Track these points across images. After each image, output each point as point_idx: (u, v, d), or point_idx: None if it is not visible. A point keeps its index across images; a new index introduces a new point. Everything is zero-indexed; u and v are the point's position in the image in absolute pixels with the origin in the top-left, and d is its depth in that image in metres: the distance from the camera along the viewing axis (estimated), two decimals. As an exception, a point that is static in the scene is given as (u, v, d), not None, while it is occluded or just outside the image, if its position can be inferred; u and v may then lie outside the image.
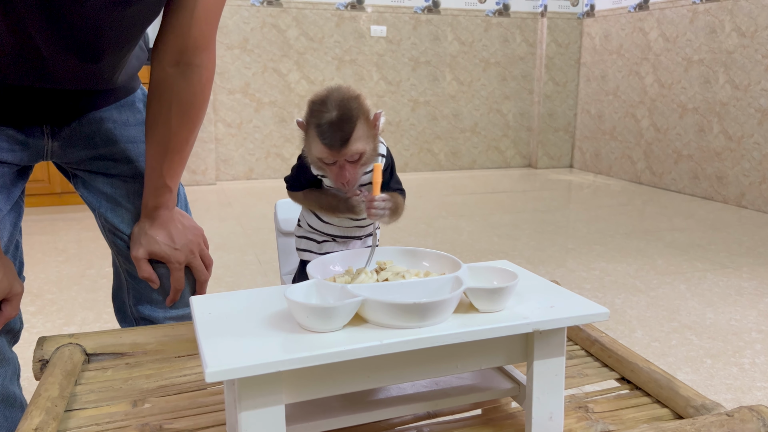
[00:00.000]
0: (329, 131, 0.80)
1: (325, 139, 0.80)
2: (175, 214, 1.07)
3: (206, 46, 0.99)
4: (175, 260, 1.04)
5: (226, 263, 2.70)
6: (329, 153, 0.81)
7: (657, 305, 2.26)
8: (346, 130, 0.80)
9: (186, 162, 1.07)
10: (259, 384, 0.59)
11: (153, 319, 1.11)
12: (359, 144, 0.81)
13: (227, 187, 4.50)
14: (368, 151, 0.83)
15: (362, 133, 0.82)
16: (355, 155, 0.81)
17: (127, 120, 1.11)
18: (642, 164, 4.76)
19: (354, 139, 0.81)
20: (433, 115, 5.15)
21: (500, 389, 0.76)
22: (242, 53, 4.54)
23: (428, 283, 0.70)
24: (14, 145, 1.00)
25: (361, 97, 0.84)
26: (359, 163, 0.83)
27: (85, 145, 1.07)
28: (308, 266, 0.76)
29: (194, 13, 0.95)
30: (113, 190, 1.08)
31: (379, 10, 4.82)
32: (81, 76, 0.98)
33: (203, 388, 0.83)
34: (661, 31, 4.51)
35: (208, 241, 1.14)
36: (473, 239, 3.14)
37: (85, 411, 0.77)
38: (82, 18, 0.87)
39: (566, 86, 5.39)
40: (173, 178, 1.04)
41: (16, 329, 0.99)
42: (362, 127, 0.82)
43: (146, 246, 1.03)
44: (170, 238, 1.04)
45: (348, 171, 0.82)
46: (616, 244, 3.06)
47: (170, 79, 0.98)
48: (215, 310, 0.70)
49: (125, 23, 0.94)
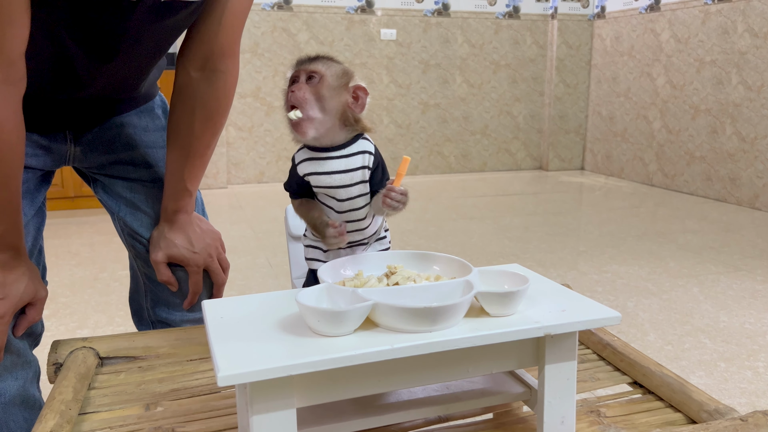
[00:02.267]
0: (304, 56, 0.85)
1: (297, 60, 0.86)
2: (193, 219, 1.08)
3: (231, 53, 1.00)
4: (193, 264, 1.05)
5: (237, 266, 2.71)
6: (295, 68, 0.84)
7: (670, 308, 2.24)
8: (319, 56, 0.85)
9: (206, 167, 1.08)
10: (271, 388, 0.59)
11: (170, 322, 1.12)
12: (322, 66, 0.84)
13: (238, 190, 4.52)
14: (329, 81, 0.85)
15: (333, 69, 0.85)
16: (315, 72, 0.83)
17: (147, 125, 1.12)
18: (654, 166, 4.73)
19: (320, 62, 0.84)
20: (443, 117, 5.15)
21: (512, 393, 0.76)
22: (253, 57, 4.56)
23: (439, 287, 0.70)
24: (38, 150, 1.02)
25: (351, 71, 0.89)
26: (318, 88, 0.84)
27: (105, 149, 1.09)
28: (319, 270, 0.76)
29: (221, 21, 0.96)
30: (133, 194, 1.10)
31: (389, 13, 4.83)
32: (111, 85, 1.00)
33: (215, 391, 0.83)
34: (672, 33, 4.48)
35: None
36: (484, 242, 3.13)
37: (99, 414, 0.77)
38: (121, 31, 0.89)
39: (577, 88, 5.37)
40: (193, 183, 1.05)
41: (38, 332, 1.01)
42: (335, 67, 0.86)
43: (165, 249, 1.05)
44: (189, 242, 1.05)
45: (299, 87, 0.83)
46: (628, 246, 3.05)
47: (195, 84, 0.99)
48: (227, 313, 0.71)
49: (161, 34, 0.96)
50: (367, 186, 0.89)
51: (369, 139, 0.91)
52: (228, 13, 0.96)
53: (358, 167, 0.87)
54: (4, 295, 0.87)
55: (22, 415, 0.95)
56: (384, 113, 4.98)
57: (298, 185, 0.90)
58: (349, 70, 0.88)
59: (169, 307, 1.11)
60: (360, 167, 0.87)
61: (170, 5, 0.90)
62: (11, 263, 0.88)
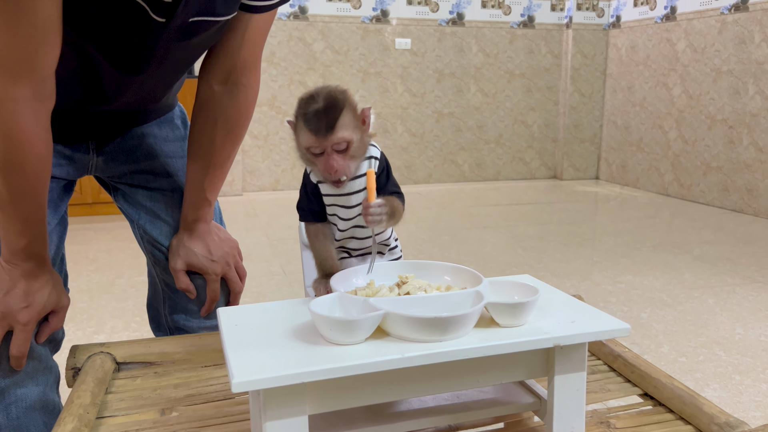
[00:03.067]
0: (315, 118, 0.82)
1: (311, 125, 0.82)
2: (212, 227, 1.10)
3: (253, 67, 1.02)
4: (212, 272, 1.08)
5: (251, 273, 2.73)
6: (315, 140, 0.83)
7: (684, 320, 2.23)
8: (332, 116, 0.82)
9: (225, 177, 1.10)
10: (284, 395, 0.61)
11: (187, 329, 1.14)
12: (345, 131, 0.82)
13: (253, 198, 4.56)
14: (355, 142, 0.84)
15: (348, 122, 0.83)
16: (341, 143, 0.82)
17: (167, 136, 1.15)
18: (670, 176, 4.70)
19: (340, 126, 0.82)
20: (457, 126, 5.16)
21: (521, 403, 0.76)
22: (269, 66, 4.61)
23: (449, 298, 0.71)
24: (61, 160, 1.05)
25: (348, 92, 0.86)
26: (347, 153, 0.84)
27: (126, 159, 1.12)
28: (332, 279, 0.77)
29: (244, 36, 0.98)
30: (152, 203, 1.12)
31: (404, 22, 4.86)
32: (137, 98, 1.03)
33: (229, 397, 0.84)
34: (689, 42, 4.46)
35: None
36: (497, 251, 3.13)
37: (116, 418, 0.79)
38: (149, 49, 0.92)
39: (592, 97, 5.36)
40: (213, 192, 1.08)
41: (59, 339, 1.03)
42: (348, 116, 0.83)
43: (185, 258, 1.07)
44: (208, 251, 1.08)
45: (335, 160, 0.83)
46: (643, 257, 3.03)
47: (217, 97, 1.02)
48: (241, 321, 0.72)
49: (188, 51, 0.98)
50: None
51: (375, 145, 0.92)
52: (251, 29, 0.98)
53: (365, 173, 0.88)
54: (28, 303, 0.90)
55: (42, 420, 0.98)
56: (398, 122, 5.00)
57: (311, 196, 0.92)
58: (351, 100, 0.86)
59: (187, 314, 1.13)
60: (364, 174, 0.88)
61: (198, 24, 0.93)
62: (36, 272, 0.91)
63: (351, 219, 0.91)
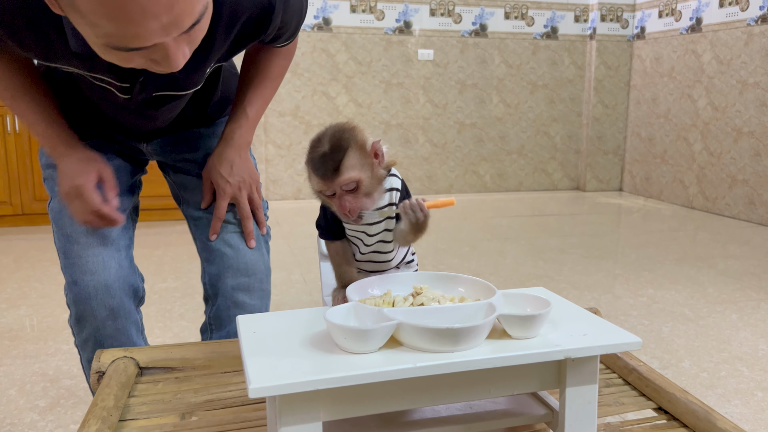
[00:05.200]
0: (320, 163, 0.83)
1: (317, 171, 0.83)
2: (241, 152, 1.18)
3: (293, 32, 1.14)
4: (222, 189, 1.17)
5: (272, 281, 2.76)
6: (323, 183, 0.83)
7: (707, 335, 2.20)
8: (336, 159, 0.82)
9: (268, 99, 1.19)
10: (299, 401, 0.62)
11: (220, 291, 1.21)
12: (352, 172, 0.82)
13: (276, 206, 4.61)
14: (365, 180, 0.84)
15: (355, 162, 0.83)
16: (350, 183, 0.83)
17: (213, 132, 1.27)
18: (694, 189, 4.65)
19: (345, 167, 0.82)
20: (479, 137, 5.16)
21: (533, 415, 0.77)
22: (293, 77, 4.67)
23: (462, 309, 0.73)
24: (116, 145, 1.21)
25: (357, 129, 0.86)
26: (359, 192, 0.84)
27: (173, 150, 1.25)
28: (348, 289, 0.79)
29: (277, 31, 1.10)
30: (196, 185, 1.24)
31: (427, 34, 4.89)
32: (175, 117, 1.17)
33: (248, 403, 0.87)
34: (714, 54, 4.42)
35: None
36: (518, 263, 3.12)
37: (137, 422, 0.82)
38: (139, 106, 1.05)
39: (616, 109, 5.32)
40: (253, 106, 1.17)
41: (141, 295, 1.17)
42: (354, 156, 0.83)
43: (207, 171, 1.18)
44: (229, 169, 1.16)
45: (347, 201, 0.83)
46: (665, 270, 3.00)
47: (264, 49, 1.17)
48: (260, 329, 0.74)
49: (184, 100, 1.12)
50: (394, 222, 0.91)
51: (396, 174, 0.92)
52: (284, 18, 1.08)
53: (385, 205, 0.89)
54: (62, 175, 1.05)
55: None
56: (420, 132, 5.02)
57: (330, 221, 0.93)
58: (359, 137, 0.85)
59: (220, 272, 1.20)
60: (387, 205, 0.89)
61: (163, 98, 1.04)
62: (65, 152, 1.06)
63: (371, 245, 0.93)
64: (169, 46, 0.75)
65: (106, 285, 1.06)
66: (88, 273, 1.06)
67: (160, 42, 0.73)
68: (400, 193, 0.91)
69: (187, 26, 0.74)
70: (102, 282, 1.06)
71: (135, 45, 0.72)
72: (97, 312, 1.07)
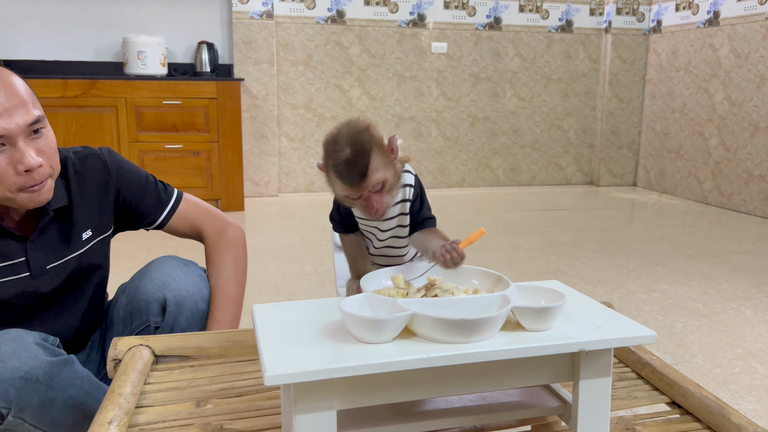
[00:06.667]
0: (346, 169, 0.81)
1: (344, 178, 0.82)
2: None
3: (220, 226, 1.28)
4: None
5: (285, 273, 2.78)
6: (351, 189, 0.83)
7: (720, 331, 2.19)
8: (362, 165, 0.81)
9: (231, 312, 1.22)
10: (313, 390, 0.63)
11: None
12: (378, 174, 0.82)
13: (288, 199, 4.62)
14: (389, 178, 0.84)
15: (379, 163, 0.82)
16: (377, 185, 0.83)
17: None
18: (709, 184, 4.60)
19: (372, 171, 0.82)
20: (492, 130, 5.14)
21: (546, 407, 0.77)
22: (306, 69, 4.67)
23: (476, 301, 0.73)
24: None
25: (371, 127, 0.85)
26: (383, 191, 0.84)
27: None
28: (362, 280, 0.79)
29: (184, 224, 1.28)
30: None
31: (441, 27, 4.87)
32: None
33: (261, 391, 0.87)
34: (732, 48, 4.37)
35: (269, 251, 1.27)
36: (530, 257, 3.11)
37: (154, 408, 0.83)
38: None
39: (630, 103, 5.28)
40: (219, 311, 1.21)
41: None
42: (377, 157, 0.82)
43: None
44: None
45: (374, 201, 0.83)
46: (679, 265, 2.98)
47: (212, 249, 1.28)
48: (275, 318, 0.75)
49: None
50: (407, 218, 0.92)
51: (410, 170, 0.92)
52: (181, 218, 1.25)
53: (398, 201, 0.90)
54: None
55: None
56: (432, 125, 5.01)
57: (344, 215, 0.94)
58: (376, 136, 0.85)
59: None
60: (400, 201, 0.90)
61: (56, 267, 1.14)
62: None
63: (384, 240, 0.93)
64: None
65: None
66: None
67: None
68: (414, 188, 0.91)
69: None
70: None
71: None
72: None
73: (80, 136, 3.76)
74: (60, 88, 3.70)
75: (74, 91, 3.72)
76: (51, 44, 4.17)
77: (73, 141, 3.75)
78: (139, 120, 3.85)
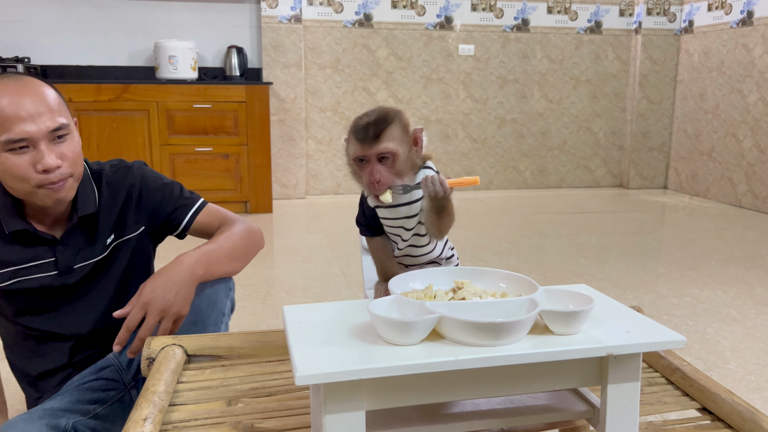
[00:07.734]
0: (363, 128, 0.87)
1: (358, 135, 0.87)
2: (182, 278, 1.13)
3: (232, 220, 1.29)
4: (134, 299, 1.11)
5: (313, 275, 2.80)
6: (361, 148, 0.86)
7: (754, 336, 2.15)
8: (378, 128, 0.86)
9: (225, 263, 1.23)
10: (343, 390, 0.64)
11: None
12: (391, 143, 0.86)
13: (316, 201, 4.66)
14: (401, 155, 0.86)
15: (396, 135, 0.86)
16: (386, 152, 0.85)
17: None
18: (743, 187, 4.51)
19: (386, 136, 0.85)
20: (520, 132, 5.11)
21: (574, 411, 0.77)
22: (334, 73, 4.70)
23: (504, 304, 0.73)
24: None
25: (403, 112, 0.90)
26: (393, 165, 0.86)
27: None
28: (390, 282, 0.80)
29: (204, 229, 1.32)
30: None
31: (468, 29, 4.86)
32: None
33: (291, 391, 0.89)
34: (766, 48, 4.28)
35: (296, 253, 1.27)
36: (558, 260, 3.09)
37: (186, 406, 0.85)
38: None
39: (661, 104, 5.20)
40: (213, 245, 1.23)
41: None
42: (397, 130, 0.86)
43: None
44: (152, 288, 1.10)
45: (378, 171, 0.86)
46: (711, 270, 2.93)
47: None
48: (305, 319, 0.76)
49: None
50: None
51: (431, 167, 0.94)
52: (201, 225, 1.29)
53: (420, 198, 0.91)
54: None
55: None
56: (459, 128, 5.00)
57: (369, 217, 0.95)
58: (405, 118, 0.89)
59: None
60: (422, 198, 0.91)
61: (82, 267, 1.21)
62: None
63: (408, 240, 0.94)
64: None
65: None
66: None
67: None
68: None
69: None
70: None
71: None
72: None
73: (113, 139, 3.84)
74: (94, 92, 3.78)
75: (107, 96, 3.80)
76: (85, 50, 4.27)
77: (107, 144, 3.83)
78: (170, 123, 3.91)
